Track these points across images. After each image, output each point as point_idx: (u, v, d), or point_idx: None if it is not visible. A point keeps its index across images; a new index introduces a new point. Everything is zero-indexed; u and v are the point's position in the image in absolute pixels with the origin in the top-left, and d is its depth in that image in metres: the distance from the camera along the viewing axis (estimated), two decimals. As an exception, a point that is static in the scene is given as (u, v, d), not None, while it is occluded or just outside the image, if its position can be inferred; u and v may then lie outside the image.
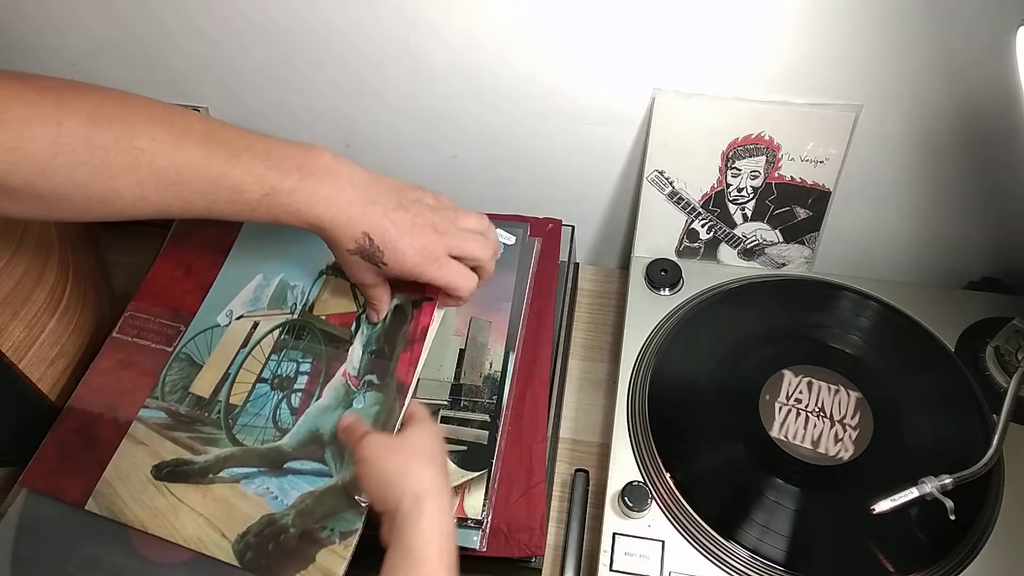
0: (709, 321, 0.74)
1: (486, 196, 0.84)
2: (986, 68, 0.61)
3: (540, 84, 0.71)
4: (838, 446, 0.66)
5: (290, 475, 0.59)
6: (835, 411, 0.67)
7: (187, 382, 0.65)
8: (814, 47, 0.63)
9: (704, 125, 0.70)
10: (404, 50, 0.71)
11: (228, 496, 0.58)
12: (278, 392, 0.63)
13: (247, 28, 0.71)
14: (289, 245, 0.70)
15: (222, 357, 0.66)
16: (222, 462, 0.60)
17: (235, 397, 0.64)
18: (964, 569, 0.60)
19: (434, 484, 0.52)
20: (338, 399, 0.62)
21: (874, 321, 0.73)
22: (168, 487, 0.59)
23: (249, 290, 0.69)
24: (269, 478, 0.59)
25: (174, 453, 0.61)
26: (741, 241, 0.77)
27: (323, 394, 0.62)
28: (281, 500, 0.58)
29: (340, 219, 0.55)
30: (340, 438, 0.58)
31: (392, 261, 0.57)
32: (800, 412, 0.67)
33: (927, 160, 0.71)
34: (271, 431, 0.61)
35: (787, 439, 0.66)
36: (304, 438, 0.61)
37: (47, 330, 0.67)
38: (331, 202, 0.54)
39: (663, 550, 0.61)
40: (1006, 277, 0.78)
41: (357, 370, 0.63)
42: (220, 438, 0.62)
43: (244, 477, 0.59)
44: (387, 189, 0.57)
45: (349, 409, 0.60)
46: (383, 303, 0.63)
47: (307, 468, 0.59)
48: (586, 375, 0.80)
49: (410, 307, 0.63)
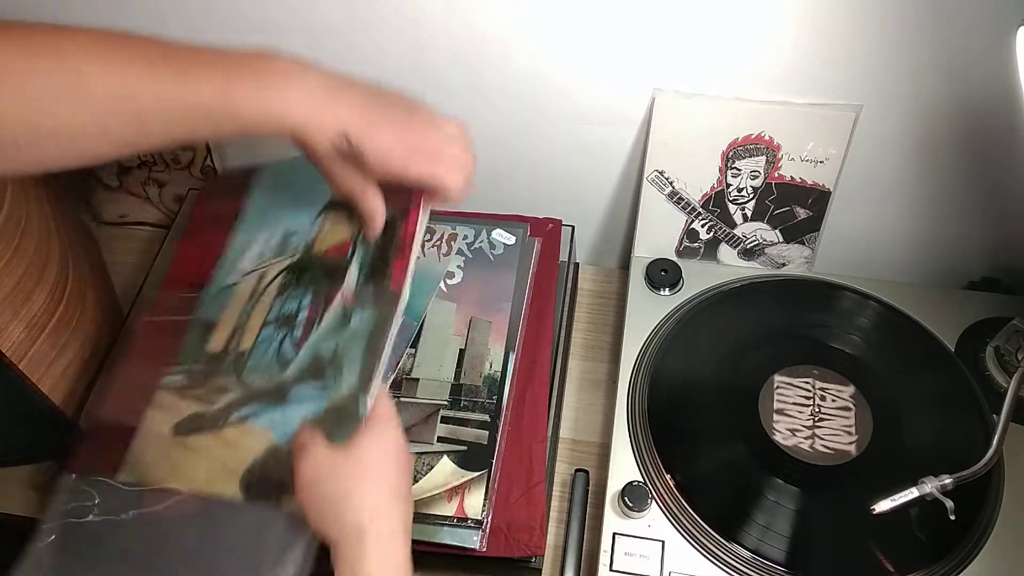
0: (709, 321, 0.73)
1: (486, 196, 0.84)
2: (986, 68, 0.61)
3: (540, 84, 0.71)
4: (838, 446, 0.66)
5: (293, 403, 0.58)
6: (835, 411, 0.67)
7: (204, 343, 0.65)
8: (814, 47, 0.63)
9: (704, 125, 0.70)
10: (404, 50, 0.71)
11: (238, 437, 0.59)
12: (282, 330, 0.63)
13: (247, 28, 0.71)
14: (293, 201, 0.69)
15: (233, 312, 0.66)
16: (233, 406, 0.60)
17: (245, 344, 0.64)
18: (964, 569, 0.60)
19: (378, 510, 0.47)
20: (336, 320, 0.60)
21: (874, 321, 0.73)
22: (185, 441, 0.60)
23: (256, 248, 0.69)
24: (274, 411, 0.59)
25: (191, 410, 0.62)
26: (741, 241, 0.77)
27: (323, 320, 0.61)
28: (284, 430, 0.58)
29: (313, 119, 0.51)
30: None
31: (375, 159, 0.52)
32: (800, 412, 0.67)
33: (927, 160, 0.71)
34: (275, 367, 0.61)
35: (787, 439, 0.66)
36: (306, 365, 0.60)
37: (47, 330, 0.67)
38: (301, 102, 0.50)
39: (663, 550, 0.61)
40: (1006, 277, 0.78)
41: (353, 290, 0.60)
42: (232, 385, 0.62)
43: (252, 415, 0.59)
44: (360, 88, 0.53)
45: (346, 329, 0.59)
46: (377, 212, 0.57)
47: (309, 393, 0.58)
48: (586, 375, 0.80)
49: (398, 218, 0.58)
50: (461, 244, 0.76)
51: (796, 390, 0.69)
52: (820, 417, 0.67)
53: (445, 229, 0.77)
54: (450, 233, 0.77)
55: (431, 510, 0.61)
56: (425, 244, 0.77)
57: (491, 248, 0.76)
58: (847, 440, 0.66)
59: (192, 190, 0.86)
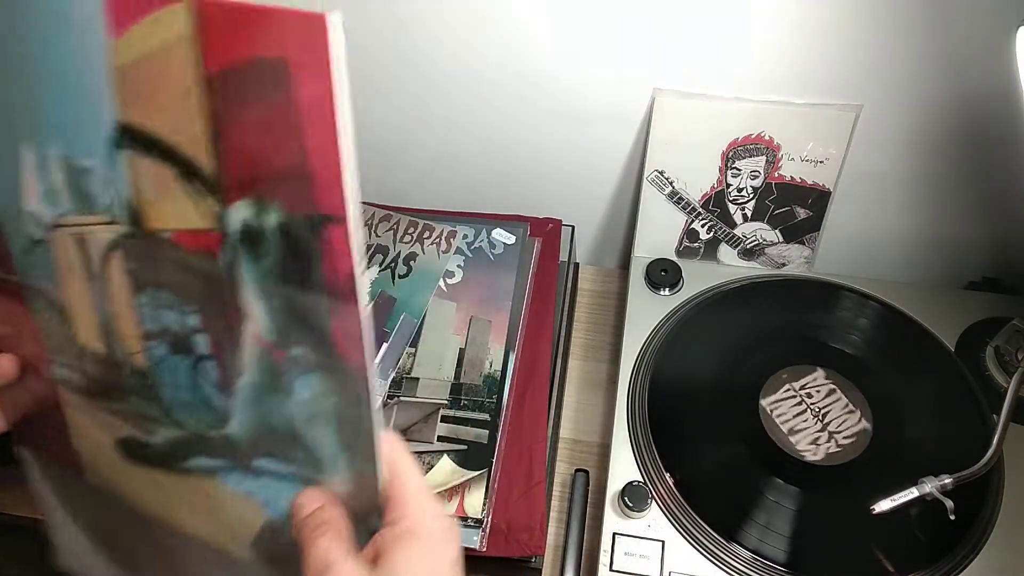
0: (709, 321, 0.73)
1: (486, 196, 0.84)
2: (986, 68, 0.61)
3: (540, 84, 0.71)
4: (838, 446, 0.66)
5: (265, 476, 0.44)
6: (835, 411, 0.67)
7: (68, 331, 0.47)
8: (814, 47, 0.63)
9: (704, 125, 0.70)
10: (405, 49, 0.71)
11: (214, 492, 0.46)
12: (182, 357, 0.44)
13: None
14: (40, 81, 0.40)
15: (77, 293, 0.45)
16: (181, 448, 0.46)
17: (135, 358, 0.45)
18: (964, 569, 0.60)
19: None
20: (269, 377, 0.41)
21: (874, 321, 0.73)
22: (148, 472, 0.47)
23: (32, 179, 0.44)
24: (244, 477, 0.45)
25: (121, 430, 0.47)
26: (741, 241, 0.77)
27: (244, 368, 0.42)
28: (272, 505, 0.45)
29: None
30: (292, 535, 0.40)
31: None
32: (800, 412, 0.67)
33: (927, 160, 0.71)
34: (208, 412, 0.44)
35: (787, 439, 0.66)
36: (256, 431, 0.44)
37: (47, 330, 0.67)
38: None
39: (663, 550, 0.61)
40: (1006, 277, 0.78)
41: (273, 334, 0.39)
42: (157, 416, 0.46)
43: (219, 471, 0.46)
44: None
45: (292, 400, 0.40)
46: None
47: (283, 470, 0.44)
48: (586, 375, 0.80)
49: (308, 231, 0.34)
50: (461, 243, 0.76)
51: (796, 390, 0.69)
52: (820, 417, 0.67)
53: (444, 227, 0.77)
54: (449, 231, 0.77)
55: (431, 510, 0.61)
56: (424, 242, 0.76)
57: (491, 248, 0.76)
58: (847, 440, 0.66)
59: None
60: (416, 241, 0.76)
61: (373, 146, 0.81)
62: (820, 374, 0.69)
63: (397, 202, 0.79)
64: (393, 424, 0.66)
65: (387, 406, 0.67)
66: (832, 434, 0.66)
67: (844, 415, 0.67)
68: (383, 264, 0.75)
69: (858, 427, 0.66)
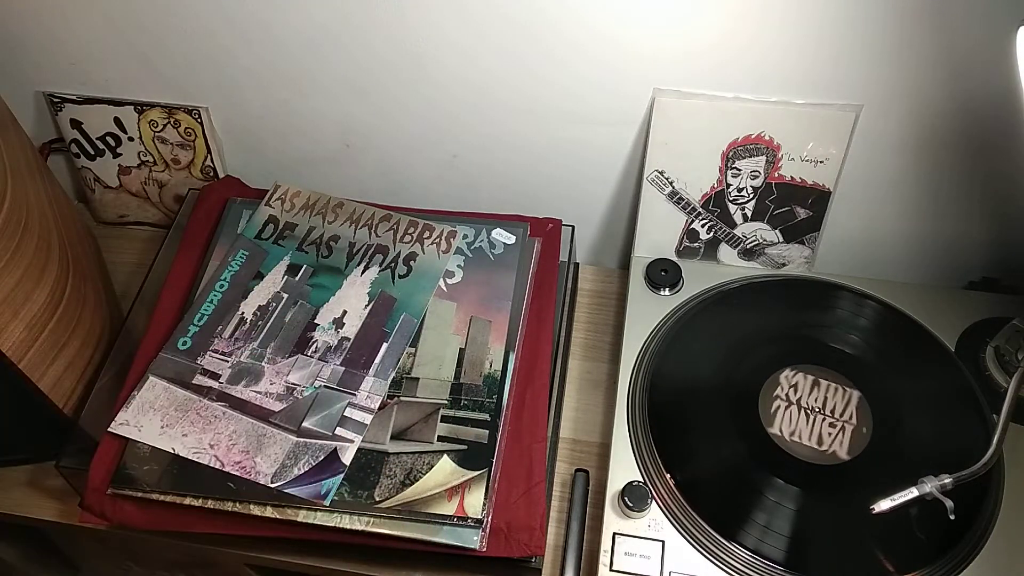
0: (709, 321, 0.73)
1: (486, 196, 0.85)
2: (986, 68, 0.61)
3: (541, 84, 0.71)
4: (838, 446, 0.66)
5: None
6: (835, 411, 0.67)
7: None
8: (814, 47, 0.63)
9: (704, 125, 0.70)
10: (405, 49, 0.71)
11: None
12: None
13: (248, 28, 0.71)
14: None
15: None
16: None
17: None
18: (964, 569, 0.60)
19: None
20: None
21: (874, 321, 0.73)
22: None
23: None
24: None
25: None
26: (741, 241, 0.77)
27: None
28: None
29: None
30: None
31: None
32: (800, 412, 0.67)
33: (927, 160, 0.71)
34: None
35: (787, 439, 0.66)
36: None
37: (47, 330, 0.67)
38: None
39: (663, 550, 0.61)
40: (1006, 277, 0.78)
41: None
42: None
43: None
44: None
45: None
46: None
47: None
48: (586, 375, 0.80)
49: None
50: (461, 243, 0.76)
51: (796, 390, 0.69)
52: (820, 417, 0.67)
53: (444, 227, 0.77)
54: (449, 231, 0.77)
55: (431, 509, 0.61)
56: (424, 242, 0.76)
57: (491, 248, 0.76)
58: (847, 440, 0.66)
59: (192, 190, 0.86)
60: (416, 241, 0.76)
61: (374, 147, 0.81)
62: (820, 374, 0.69)
63: (397, 202, 0.79)
64: (393, 424, 0.66)
65: (387, 406, 0.67)
66: (832, 434, 0.66)
67: (844, 415, 0.67)
68: (383, 264, 0.75)
69: (858, 427, 0.66)
